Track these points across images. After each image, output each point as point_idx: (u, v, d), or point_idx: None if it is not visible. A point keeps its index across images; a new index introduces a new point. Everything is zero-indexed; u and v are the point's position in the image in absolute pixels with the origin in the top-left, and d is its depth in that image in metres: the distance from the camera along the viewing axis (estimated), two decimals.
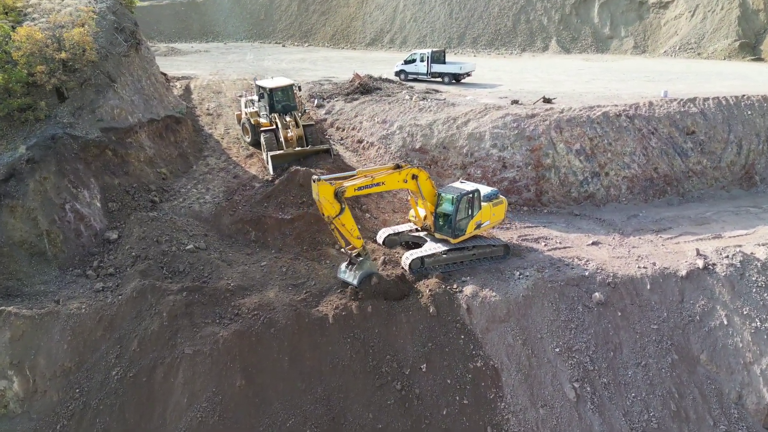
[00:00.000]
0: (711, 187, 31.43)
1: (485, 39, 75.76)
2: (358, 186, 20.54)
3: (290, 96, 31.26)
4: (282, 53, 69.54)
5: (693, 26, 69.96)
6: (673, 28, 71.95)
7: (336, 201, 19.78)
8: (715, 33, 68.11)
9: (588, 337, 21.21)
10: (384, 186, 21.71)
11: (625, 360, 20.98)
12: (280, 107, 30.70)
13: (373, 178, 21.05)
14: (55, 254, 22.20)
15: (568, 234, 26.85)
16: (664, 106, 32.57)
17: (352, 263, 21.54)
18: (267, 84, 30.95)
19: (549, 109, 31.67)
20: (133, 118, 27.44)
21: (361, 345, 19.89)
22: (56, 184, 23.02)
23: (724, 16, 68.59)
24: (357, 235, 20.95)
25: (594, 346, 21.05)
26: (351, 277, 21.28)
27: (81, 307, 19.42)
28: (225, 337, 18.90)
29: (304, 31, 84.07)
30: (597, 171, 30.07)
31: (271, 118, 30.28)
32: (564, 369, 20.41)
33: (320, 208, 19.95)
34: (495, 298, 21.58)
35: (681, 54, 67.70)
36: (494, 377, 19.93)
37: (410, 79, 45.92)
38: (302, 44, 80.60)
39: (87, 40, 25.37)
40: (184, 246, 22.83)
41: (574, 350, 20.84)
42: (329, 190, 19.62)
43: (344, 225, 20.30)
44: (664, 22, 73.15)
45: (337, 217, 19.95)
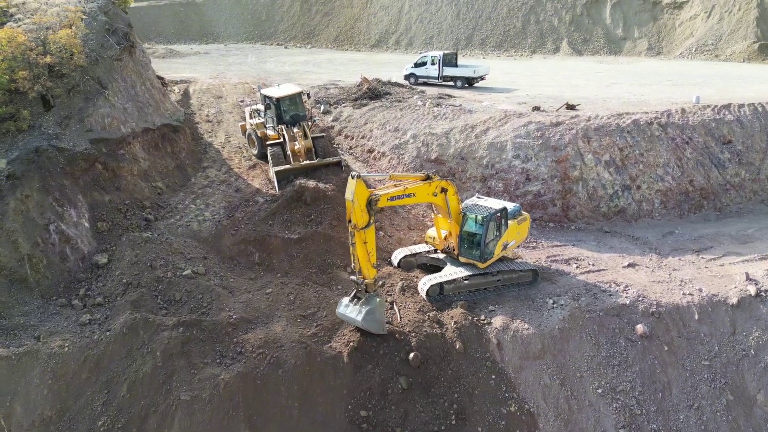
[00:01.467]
0: (750, 201, 29.17)
1: (494, 40, 73.54)
2: (391, 195, 18.22)
3: (299, 105, 28.93)
4: (284, 55, 67.33)
5: (709, 27, 67.74)
6: (688, 29, 69.75)
7: (366, 210, 17.34)
8: (733, 34, 65.89)
9: (633, 376, 18.94)
10: (414, 198, 19.39)
11: (676, 402, 18.70)
12: (288, 118, 28.32)
13: (406, 188, 18.74)
14: (38, 281, 19.92)
15: (600, 254, 24.59)
16: (698, 113, 30.32)
17: (358, 297, 18.41)
18: (274, 93, 28.51)
19: (574, 117, 29.42)
20: (126, 128, 25.20)
21: (380, 386, 17.58)
22: (39, 203, 20.77)
23: (742, 17, 66.41)
24: (374, 262, 18.50)
25: (640, 386, 18.77)
26: (355, 313, 18.00)
27: (64, 344, 17.15)
28: (227, 381, 16.62)
29: (307, 33, 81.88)
30: (628, 184, 27.81)
31: (279, 129, 27.89)
32: (608, 413, 18.13)
33: (348, 213, 17.30)
34: (528, 331, 19.31)
35: (698, 56, 65.47)
36: (530, 424, 17.66)
37: (420, 83, 43.71)
38: (305, 46, 78.41)
39: (75, 42, 23.15)
40: (181, 271, 20.57)
41: (618, 391, 18.56)
42: (364, 194, 17.15)
43: (366, 243, 17.79)
44: (678, 23, 70.94)
45: (363, 229, 17.41)
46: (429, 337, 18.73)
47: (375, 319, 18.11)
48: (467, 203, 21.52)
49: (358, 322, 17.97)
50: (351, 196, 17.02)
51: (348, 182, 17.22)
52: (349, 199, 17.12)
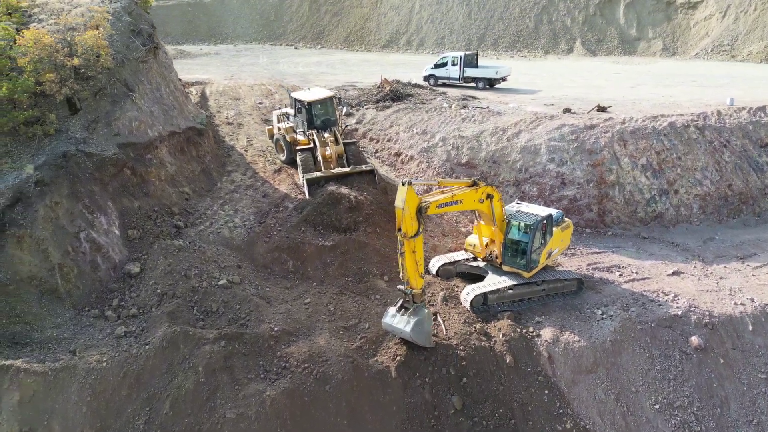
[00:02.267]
0: None
1: (506, 41, 72.83)
2: (440, 203, 17.53)
3: (330, 110, 27.82)
4: (296, 56, 66.63)
5: (725, 27, 66.98)
6: (703, 30, 68.99)
7: (416, 218, 16.59)
8: (749, 35, 65.14)
9: (690, 390, 18.23)
10: (461, 205, 18.64)
11: (735, 417, 17.99)
12: (319, 123, 27.22)
13: (454, 194, 18.02)
14: (69, 291, 19.20)
15: (642, 261, 23.88)
16: (734, 115, 29.61)
17: (405, 307, 17.59)
18: (305, 97, 27.45)
19: (608, 119, 28.71)
20: (153, 132, 24.47)
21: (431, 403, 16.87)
22: (69, 210, 20.04)
23: (758, 17, 65.65)
24: (422, 272, 17.75)
25: (698, 401, 18.06)
26: (403, 324, 17.15)
27: (102, 359, 16.43)
28: (273, 397, 15.90)
29: (317, 33, 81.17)
30: (665, 188, 27.09)
31: (310, 135, 27.00)
32: (666, 430, 17.41)
33: (398, 221, 16.52)
34: (579, 343, 18.59)
35: (714, 56, 64.72)
36: None
37: (440, 84, 42.98)
38: (315, 46, 77.71)
39: (102, 44, 22.39)
40: (216, 281, 19.84)
41: (675, 407, 17.85)
42: (415, 201, 16.44)
43: (415, 252, 17.01)
44: (693, 23, 70.18)
45: (413, 238, 16.64)
46: (478, 351, 18.02)
47: (423, 331, 17.39)
48: (510, 210, 20.81)
49: (406, 333, 17.16)
50: (401, 204, 16.29)
51: (398, 189, 16.52)
52: (399, 206, 16.38)
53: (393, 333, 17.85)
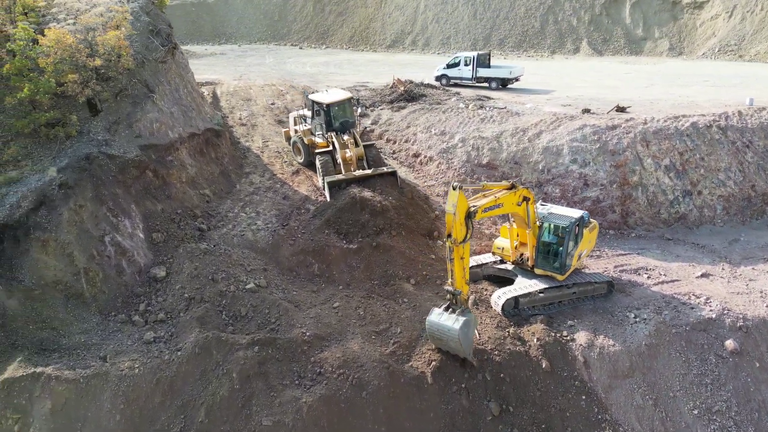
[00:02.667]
0: None
1: (512, 41, 72.59)
2: (485, 207, 17.35)
3: (348, 111, 27.53)
4: (302, 56, 66.30)
5: (731, 27, 66.82)
6: (710, 29, 68.82)
7: (465, 223, 16.37)
8: (756, 34, 64.97)
9: (727, 395, 17.99)
10: (502, 209, 18.38)
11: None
12: (338, 125, 26.97)
13: (496, 197, 17.78)
14: (94, 296, 18.87)
15: (668, 263, 23.64)
16: (754, 115, 29.41)
17: (452, 309, 17.24)
18: (323, 99, 27.15)
19: (629, 119, 28.48)
20: (174, 133, 24.16)
21: (468, 409, 16.59)
22: (94, 213, 19.72)
23: (765, 17, 65.50)
24: (467, 278, 17.45)
25: (736, 405, 17.82)
26: (451, 321, 16.73)
27: (134, 365, 16.10)
28: (310, 404, 15.60)
29: (321, 33, 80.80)
30: (689, 189, 26.87)
31: (328, 137, 26.66)
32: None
33: (448, 226, 16.27)
34: (614, 348, 18.34)
35: (721, 56, 64.54)
36: None
37: (452, 84, 42.69)
38: (320, 46, 77.35)
39: (123, 44, 22.06)
40: (244, 285, 19.54)
41: (714, 411, 17.60)
42: (464, 206, 16.23)
43: (463, 258, 16.77)
44: (699, 23, 69.99)
45: (462, 243, 16.41)
46: (513, 356, 17.75)
47: (469, 334, 16.99)
48: (541, 212, 20.54)
49: (454, 331, 16.51)
50: (453, 209, 16.01)
51: (449, 194, 16.23)
52: (450, 212, 16.11)
53: (435, 334, 17.23)
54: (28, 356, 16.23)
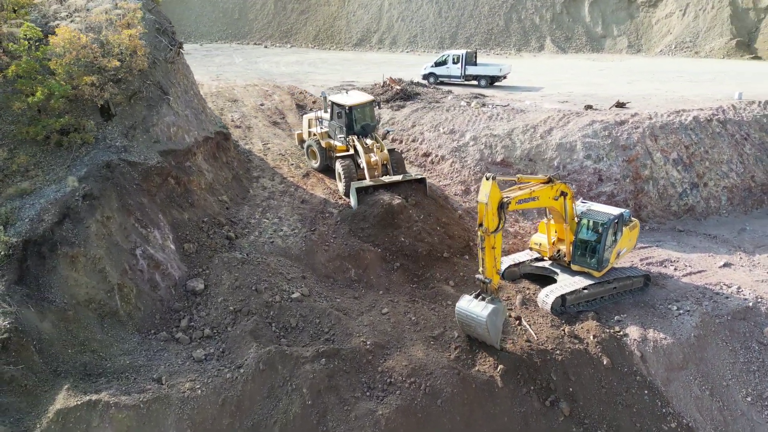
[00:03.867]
0: None
1: (479, 38, 73.27)
2: (519, 198, 17.51)
3: (370, 115, 26.53)
4: (270, 55, 64.75)
5: (686, 25, 69.72)
6: (665, 27, 71.58)
7: (497, 213, 16.46)
8: (709, 32, 68.00)
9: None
10: (537, 202, 18.53)
11: None
12: (359, 128, 25.86)
13: (532, 190, 17.78)
14: (129, 313, 17.60)
15: (688, 254, 24.26)
16: (747, 109, 30.66)
17: (483, 297, 17.28)
18: (345, 101, 26.05)
19: (634, 115, 29.10)
20: (190, 137, 22.92)
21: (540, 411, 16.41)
22: (122, 225, 18.40)
23: (716, 15, 68.60)
24: (498, 268, 17.56)
25: None
26: (480, 308, 16.79)
27: (195, 386, 15.07)
28: (387, 416, 15.03)
29: (284, 31, 79.19)
30: (696, 181, 27.71)
31: (350, 141, 25.63)
32: (761, 422, 17.66)
33: (480, 216, 16.45)
34: (666, 341, 18.61)
35: (678, 53, 67.28)
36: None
37: (439, 82, 42.59)
38: (284, 45, 75.80)
39: (138, 43, 20.70)
40: (289, 294, 18.70)
41: (765, 398, 18.15)
42: (497, 196, 16.38)
43: (494, 248, 16.85)
44: (655, 20, 72.68)
45: (494, 233, 16.53)
46: (574, 354, 17.72)
47: (497, 322, 16.90)
48: (580, 208, 20.63)
49: (482, 317, 16.58)
50: (485, 199, 16.16)
51: (482, 184, 16.36)
52: (483, 201, 16.25)
53: (463, 320, 17.29)
54: (74, 383, 14.94)
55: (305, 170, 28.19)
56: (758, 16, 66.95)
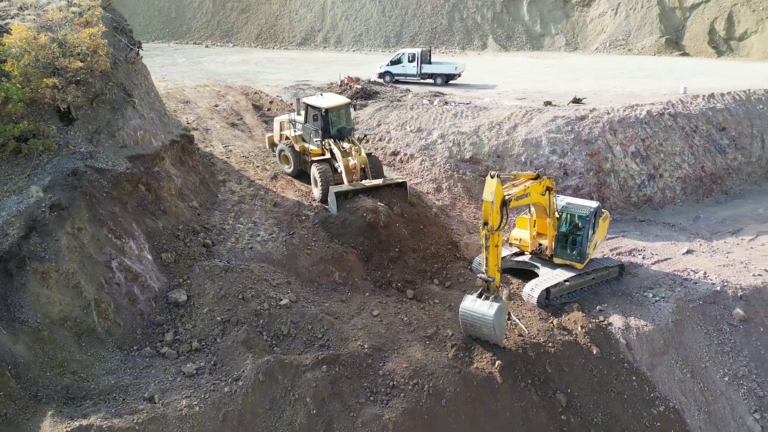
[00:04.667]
0: (746, 183, 31.64)
1: (423, 37, 73.83)
2: (517, 195, 17.70)
3: (346, 118, 25.81)
4: (213, 54, 62.91)
5: (618, 24, 72.81)
6: (599, 26, 74.52)
7: (500, 211, 16.59)
8: (640, 30, 71.31)
9: (746, 360, 19.62)
10: (529, 198, 18.74)
11: None
12: (335, 131, 25.11)
13: (525, 186, 18.03)
14: (108, 330, 16.56)
15: (652, 243, 25.31)
16: (693, 102, 32.31)
17: (486, 296, 17.25)
18: (321, 103, 25.16)
19: (593, 110, 30.09)
20: (157, 141, 21.82)
21: (539, 404, 16.63)
22: (95, 236, 17.29)
23: (646, 14, 72.05)
24: (499, 266, 17.67)
25: (755, 368, 19.49)
26: (485, 307, 16.72)
27: (191, 403, 14.32)
28: (394, 420, 14.81)
29: (225, 30, 77.09)
30: (652, 173, 28.97)
31: (325, 144, 24.94)
32: (739, 400, 18.62)
33: (485, 215, 16.40)
34: (647, 327, 19.31)
35: (612, 50, 70.14)
36: (680, 422, 17.66)
37: (395, 81, 42.60)
38: (225, 44, 73.77)
39: (101, 43, 19.48)
40: (277, 301, 18.11)
41: (740, 377, 19.12)
42: (501, 194, 16.47)
43: (497, 246, 16.98)
44: (589, 20, 75.54)
45: (497, 231, 16.62)
46: (565, 345, 18.07)
47: (501, 321, 17.01)
48: (559, 203, 21.09)
49: (489, 317, 16.53)
50: (491, 197, 16.21)
51: (487, 182, 16.44)
52: (488, 200, 16.28)
53: (469, 320, 17.13)
54: (58, 408, 13.93)
55: (272, 172, 27.46)
56: (684, 15, 70.75)
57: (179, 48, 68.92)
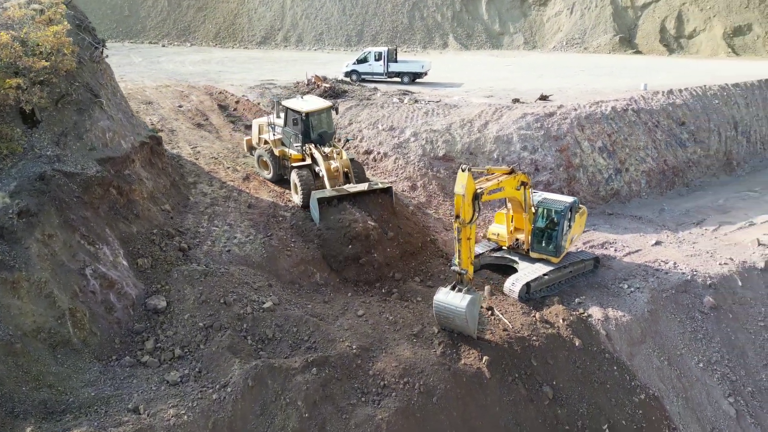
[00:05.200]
0: (705, 175, 32.83)
1: (385, 36, 73.83)
2: (490, 189, 17.97)
3: (327, 122, 24.86)
4: (171, 54, 61.28)
5: (574, 23, 74.57)
6: (556, 25, 76.14)
7: (472, 204, 16.82)
8: (595, 29, 73.19)
9: (718, 346, 20.36)
10: (502, 193, 19.02)
11: (754, 363, 20.48)
12: (316, 136, 24.12)
13: (499, 181, 18.27)
14: (84, 340, 15.89)
15: (622, 236, 25.99)
16: (654, 98, 33.31)
17: (459, 289, 17.38)
18: (301, 106, 24.12)
19: (560, 107, 30.67)
20: (126, 143, 21.05)
21: (527, 397, 16.82)
22: (67, 243, 16.55)
23: (600, 13, 74.00)
24: (473, 258, 17.87)
25: (727, 354, 20.23)
26: (458, 299, 16.87)
27: (179, 412, 13.85)
28: (387, 420, 14.71)
29: (182, 29, 75.25)
30: (619, 167, 29.74)
31: (306, 149, 24.15)
32: (713, 384, 19.29)
33: (457, 208, 16.66)
34: (624, 318, 19.79)
35: (569, 49, 71.75)
36: (660, 408, 18.15)
37: (362, 79, 42.43)
38: (183, 43, 72.02)
39: (66, 41, 18.68)
40: (260, 304, 17.75)
41: (713, 362, 19.82)
42: (472, 188, 16.70)
43: (470, 239, 17.19)
44: (546, 18, 77.10)
45: (469, 224, 16.86)
46: (549, 338, 18.32)
47: (474, 312, 17.18)
48: (535, 198, 21.39)
49: (461, 308, 16.72)
50: (462, 190, 16.43)
51: (458, 176, 16.63)
52: (460, 193, 16.50)
53: (442, 312, 17.30)
54: (37, 424, 13.29)
55: (244, 173, 26.91)
56: (636, 14, 73.02)
57: (135, 47, 66.90)
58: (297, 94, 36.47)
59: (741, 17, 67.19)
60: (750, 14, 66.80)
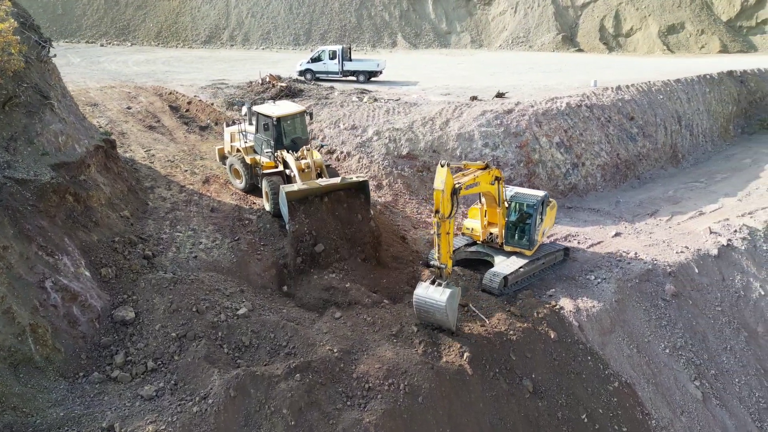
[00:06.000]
0: (654, 168, 34.13)
1: (333, 35, 73.30)
2: (467, 184, 18.14)
3: (301, 128, 23.99)
4: (112, 54, 58.87)
5: (518, 22, 76.22)
6: (501, 24, 77.62)
7: (450, 199, 16.95)
8: (538, 28, 75.05)
9: (681, 332, 21.12)
10: (479, 187, 19.26)
11: (715, 347, 21.37)
12: (289, 142, 23.19)
13: (475, 176, 18.45)
14: (47, 357, 14.92)
15: (583, 228, 26.66)
16: (604, 94, 34.38)
17: (439, 283, 17.38)
18: (272, 111, 23.11)
19: (518, 103, 31.18)
20: (81, 147, 19.92)
21: (509, 391, 16.94)
22: (23, 254, 15.50)
23: (542, 12, 75.94)
24: (451, 253, 17.94)
25: (690, 339, 21.02)
26: (438, 293, 16.93)
27: (158, 429, 13.16)
28: (375, 423, 14.46)
29: (121, 28, 72.34)
30: (576, 162, 30.49)
31: (277, 156, 23.20)
32: (680, 369, 19.99)
33: (437, 203, 16.71)
34: (594, 308, 20.25)
35: (515, 47, 73.29)
36: (633, 395, 18.63)
37: (317, 78, 41.92)
38: (123, 43, 69.27)
39: (13, 40, 17.49)
40: (234, 311, 17.15)
41: (678, 348, 20.54)
42: (451, 183, 16.83)
43: (448, 234, 17.30)
44: (491, 18, 78.50)
45: (448, 219, 16.95)
46: (525, 332, 18.51)
47: (454, 306, 17.27)
48: (508, 192, 21.67)
49: (441, 302, 16.81)
50: (441, 186, 16.54)
51: (437, 171, 16.72)
52: (439, 188, 16.59)
53: (422, 307, 17.30)
54: None
55: (203, 176, 26.04)
56: (576, 13, 75.34)
57: (71, 47, 63.79)
58: (250, 95, 35.69)
59: (674, 16, 70.39)
60: (682, 13, 70.05)
